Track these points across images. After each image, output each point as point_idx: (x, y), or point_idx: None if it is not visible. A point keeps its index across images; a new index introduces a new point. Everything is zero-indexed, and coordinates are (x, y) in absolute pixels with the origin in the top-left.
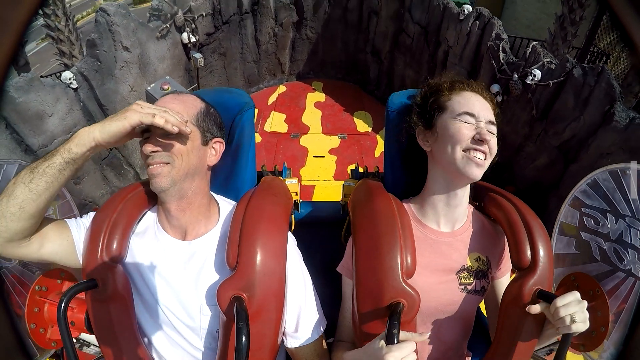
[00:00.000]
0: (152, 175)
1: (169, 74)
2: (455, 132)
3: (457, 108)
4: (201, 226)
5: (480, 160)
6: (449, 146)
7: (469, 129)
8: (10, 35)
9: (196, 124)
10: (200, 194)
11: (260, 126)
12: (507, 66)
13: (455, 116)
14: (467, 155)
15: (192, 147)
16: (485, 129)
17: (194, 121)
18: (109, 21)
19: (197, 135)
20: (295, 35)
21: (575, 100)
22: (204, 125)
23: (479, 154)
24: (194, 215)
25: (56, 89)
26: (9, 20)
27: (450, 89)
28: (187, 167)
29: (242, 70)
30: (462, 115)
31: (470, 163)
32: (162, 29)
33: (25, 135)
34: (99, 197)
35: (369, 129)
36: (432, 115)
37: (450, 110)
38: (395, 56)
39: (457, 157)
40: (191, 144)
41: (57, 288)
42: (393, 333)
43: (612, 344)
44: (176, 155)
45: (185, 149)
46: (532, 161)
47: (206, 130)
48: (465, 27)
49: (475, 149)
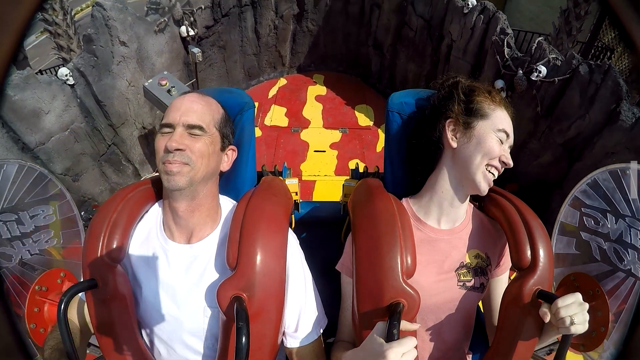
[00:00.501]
0: (171, 173)
1: (168, 68)
2: (491, 145)
3: (499, 123)
4: (207, 228)
5: (493, 177)
6: (479, 156)
7: (500, 147)
8: (10, 35)
9: (218, 129)
10: (210, 197)
11: (261, 120)
12: (512, 62)
13: (495, 130)
14: (485, 172)
15: (213, 151)
16: (508, 151)
17: (217, 126)
18: (105, 16)
19: (218, 140)
20: (296, 27)
21: (581, 98)
22: (224, 131)
23: (496, 172)
24: (202, 217)
25: (52, 86)
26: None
27: (494, 100)
28: (205, 171)
29: (242, 63)
30: (501, 132)
31: (485, 180)
32: (160, 22)
33: (22, 134)
34: (98, 193)
35: (371, 123)
36: (475, 116)
37: (492, 122)
38: (397, 50)
39: (479, 170)
40: (212, 148)
41: (57, 288)
42: (393, 333)
43: (612, 344)
44: (198, 157)
45: (207, 153)
46: (536, 158)
47: (225, 137)
48: (470, 21)
49: (496, 167)
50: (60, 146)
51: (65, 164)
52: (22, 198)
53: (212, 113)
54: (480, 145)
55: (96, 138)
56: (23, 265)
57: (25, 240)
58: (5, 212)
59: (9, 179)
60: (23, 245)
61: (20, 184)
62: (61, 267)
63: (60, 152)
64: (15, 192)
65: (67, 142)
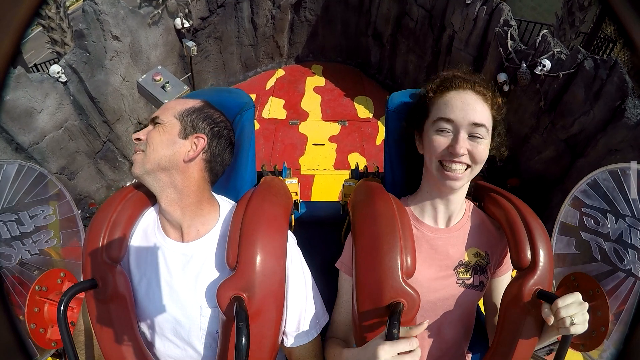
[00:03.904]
0: (132, 161)
1: (163, 61)
2: (429, 143)
3: (435, 114)
4: (198, 226)
5: (457, 172)
6: (429, 156)
7: (445, 138)
8: (10, 35)
9: (178, 118)
10: (186, 192)
11: (258, 113)
12: (516, 54)
13: (432, 124)
14: (441, 169)
15: (166, 139)
16: (464, 137)
17: (177, 115)
18: (96, 10)
19: (176, 128)
20: (294, 17)
21: (586, 94)
22: (187, 119)
23: (456, 165)
24: (186, 213)
25: (44, 84)
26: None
27: (436, 90)
28: (158, 157)
29: (239, 54)
30: (438, 122)
31: (444, 176)
32: (153, 15)
33: (15, 134)
34: (94, 191)
35: (370, 115)
36: (424, 118)
37: (431, 117)
38: (397, 40)
39: (434, 168)
40: (166, 135)
41: (57, 288)
42: (393, 333)
43: (612, 344)
44: (150, 144)
45: (159, 139)
46: (538, 153)
47: (188, 124)
48: (472, 11)
49: (450, 160)
50: (55, 145)
51: (61, 163)
52: (21, 198)
53: (176, 106)
54: (428, 146)
55: (91, 135)
56: (23, 265)
57: (25, 240)
58: (5, 212)
59: (8, 179)
60: (23, 245)
61: (20, 184)
62: (61, 267)
63: (55, 151)
64: (15, 192)
65: (61, 140)
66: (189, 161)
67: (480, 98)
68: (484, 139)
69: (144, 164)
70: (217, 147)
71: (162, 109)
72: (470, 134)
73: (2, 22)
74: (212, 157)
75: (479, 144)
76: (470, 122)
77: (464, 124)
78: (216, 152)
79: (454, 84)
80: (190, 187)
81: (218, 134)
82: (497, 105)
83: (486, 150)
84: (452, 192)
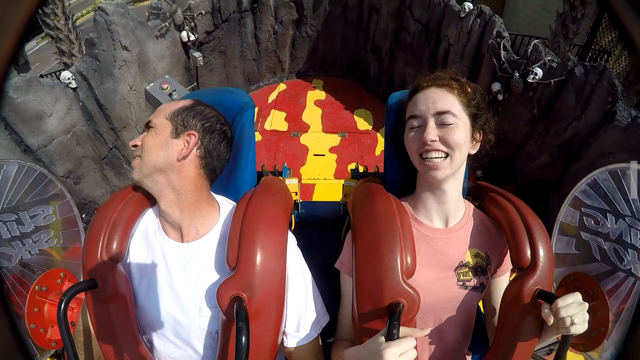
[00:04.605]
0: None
1: (169, 72)
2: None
3: (407, 113)
4: (197, 226)
5: (436, 161)
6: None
7: (417, 133)
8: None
9: (169, 119)
10: (184, 192)
11: (260, 125)
12: (509, 64)
13: (406, 122)
14: (422, 161)
15: (160, 141)
16: (432, 125)
17: (168, 116)
18: (107, 20)
19: (167, 129)
20: (295, 33)
21: (577, 99)
22: (178, 119)
23: (434, 154)
24: (185, 214)
25: (55, 89)
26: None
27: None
28: (154, 160)
29: (242, 68)
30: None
31: (425, 168)
32: (161, 27)
33: (25, 136)
34: (99, 196)
35: (370, 127)
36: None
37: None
38: (395, 54)
39: (417, 164)
40: (159, 137)
41: (57, 288)
42: (393, 333)
43: (612, 344)
44: (145, 148)
45: (152, 143)
46: (533, 160)
47: (179, 124)
48: (466, 25)
49: (426, 151)
50: (62, 149)
51: (67, 167)
52: (22, 198)
53: (168, 107)
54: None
55: (98, 141)
56: (23, 265)
57: (25, 241)
58: (5, 212)
59: (9, 179)
60: (23, 246)
61: (20, 184)
62: (61, 267)
63: (62, 155)
64: (15, 192)
65: (69, 144)
66: (183, 159)
67: (444, 89)
68: (454, 124)
69: (142, 168)
70: (211, 142)
71: (155, 113)
72: (438, 122)
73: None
74: (207, 153)
75: (449, 129)
76: (434, 111)
77: (429, 114)
78: (210, 146)
79: (419, 87)
80: (188, 186)
81: (210, 128)
82: (465, 92)
83: (460, 135)
84: (439, 186)
